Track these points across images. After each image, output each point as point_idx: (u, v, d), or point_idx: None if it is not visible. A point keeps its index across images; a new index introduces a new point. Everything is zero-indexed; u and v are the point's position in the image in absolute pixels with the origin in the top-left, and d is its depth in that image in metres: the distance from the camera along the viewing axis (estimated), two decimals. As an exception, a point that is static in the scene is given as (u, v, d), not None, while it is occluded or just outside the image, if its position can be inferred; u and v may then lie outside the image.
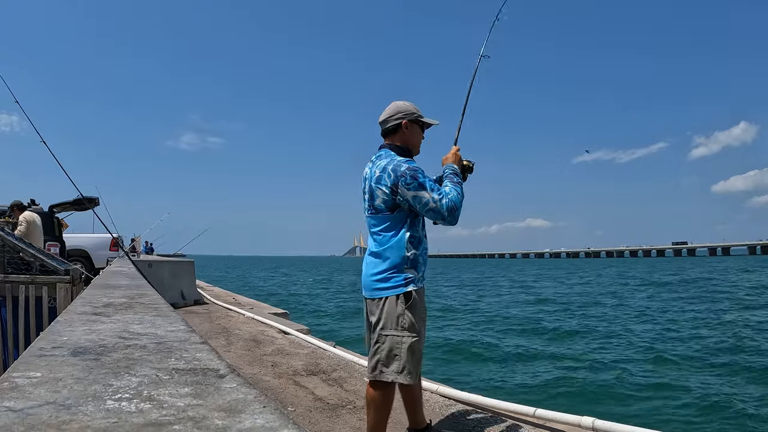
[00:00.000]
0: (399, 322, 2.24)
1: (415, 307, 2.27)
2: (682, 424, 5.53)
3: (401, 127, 2.43)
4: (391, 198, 2.28)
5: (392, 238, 2.31)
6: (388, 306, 2.26)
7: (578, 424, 2.68)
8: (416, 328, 2.26)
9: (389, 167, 2.29)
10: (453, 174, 2.42)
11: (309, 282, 34.57)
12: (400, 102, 2.49)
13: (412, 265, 2.30)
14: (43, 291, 4.37)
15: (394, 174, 2.26)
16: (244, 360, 4.52)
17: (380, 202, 2.32)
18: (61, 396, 0.70)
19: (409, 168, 2.26)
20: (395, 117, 2.44)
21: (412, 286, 2.28)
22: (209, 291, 12.29)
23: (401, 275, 2.28)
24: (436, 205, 2.23)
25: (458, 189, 2.34)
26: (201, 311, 8.11)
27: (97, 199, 9.07)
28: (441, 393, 3.39)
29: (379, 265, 2.32)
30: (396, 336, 2.23)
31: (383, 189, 2.29)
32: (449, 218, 2.27)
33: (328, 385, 3.74)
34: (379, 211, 2.34)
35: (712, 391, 6.52)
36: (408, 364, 2.22)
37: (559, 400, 6.24)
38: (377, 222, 2.36)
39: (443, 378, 6.01)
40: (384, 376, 2.24)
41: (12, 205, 7.64)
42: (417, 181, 2.24)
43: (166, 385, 0.78)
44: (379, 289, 2.30)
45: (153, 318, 1.49)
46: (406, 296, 2.26)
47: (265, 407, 0.68)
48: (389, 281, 2.28)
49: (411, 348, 2.23)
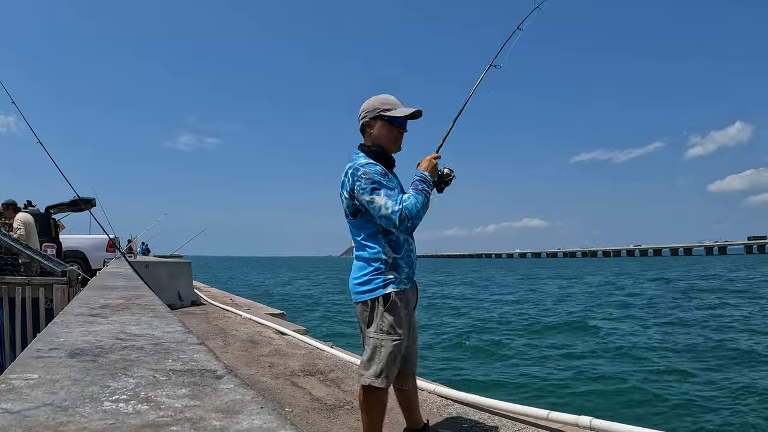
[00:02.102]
0: (379, 325, 2.20)
1: (395, 309, 2.20)
2: (682, 423, 5.54)
3: (365, 126, 2.33)
4: (351, 203, 2.22)
5: (368, 242, 2.25)
6: (369, 309, 2.23)
7: (576, 424, 2.69)
8: (397, 330, 2.19)
9: (350, 171, 2.21)
10: (419, 181, 2.25)
11: (307, 282, 34.54)
12: (371, 98, 2.34)
13: (392, 268, 2.23)
14: (39, 292, 4.35)
15: (352, 178, 2.18)
16: (242, 361, 4.52)
17: (345, 207, 2.27)
18: (58, 398, 0.70)
19: (366, 171, 2.15)
20: (360, 117, 2.34)
21: (391, 287, 2.20)
22: (206, 292, 12.27)
23: (380, 278, 2.22)
24: (387, 211, 2.10)
25: (419, 197, 2.17)
26: (198, 312, 8.10)
27: (94, 200, 9.05)
28: (438, 393, 3.40)
29: (359, 269, 2.27)
30: (376, 338, 2.20)
31: (345, 194, 2.23)
32: (401, 227, 2.13)
33: (325, 385, 3.74)
34: (347, 216, 2.29)
35: (713, 390, 6.55)
36: (385, 368, 2.17)
37: (559, 400, 6.25)
38: (352, 227, 2.31)
39: (438, 377, 6.01)
40: (362, 379, 2.22)
41: (6, 203, 7.52)
42: (372, 184, 2.13)
43: (164, 386, 0.78)
44: (360, 292, 2.26)
45: (150, 319, 1.49)
46: (385, 298, 2.19)
47: (263, 408, 0.68)
48: (369, 284, 2.23)
49: (389, 351, 2.18)
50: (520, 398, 6.09)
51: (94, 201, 9.01)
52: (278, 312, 8.22)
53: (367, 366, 2.20)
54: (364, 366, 2.23)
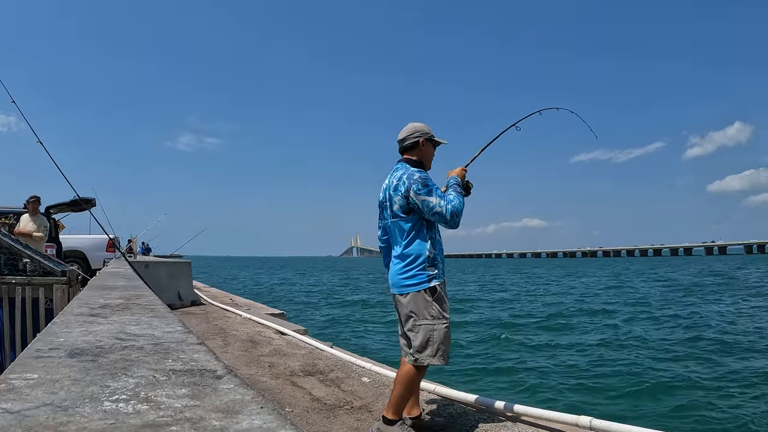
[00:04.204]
0: (429, 313, 2.56)
1: (440, 298, 2.59)
2: (682, 423, 5.54)
3: (419, 144, 2.77)
4: (406, 203, 2.61)
5: (414, 240, 2.63)
6: (417, 300, 2.58)
7: (576, 424, 2.69)
8: (444, 315, 2.58)
9: (404, 176, 2.62)
10: (456, 185, 2.74)
11: (306, 283, 34.54)
12: (417, 123, 2.84)
13: (432, 263, 2.61)
14: (39, 292, 4.36)
15: (408, 181, 2.59)
16: (242, 361, 4.52)
17: (398, 208, 2.65)
18: (58, 398, 0.70)
19: (420, 176, 2.60)
20: (414, 135, 2.78)
21: (435, 281, 2.59)
22: (206, 292, 12.27)
23: (424, 273, 2.59)
24: (441, 209, 2.53)
25: (460, 198, 2.64)
26: (198, 312, 8.10)
27: (94, 200, 9.04)
28: (438, 393, 3.40)
29: (405, 264, 2.64)
30: (428, 324, 2.56)
31: (400, 195, 2.62)
32: (451, 222, 2.56)
33: (325, 385, 3.74)
34: (397, 216, 2.66)
35: (712, 389, 6.54)
36: (442, 346, 2.56)
37: (558, 400, 6.25)
38: (399, 227, 2.68)
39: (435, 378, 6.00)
40: (420, 360, 2.57)
41: (36, 199, 7.70)
42: (427, 188, 2.56)
43: (164, 386, 0.78)
44: (407, 285, 2.62)
45: (150, 319, 1.49)
46: (432, 290, 2.58)
47: (263, 408, 0.68)
48: (415, 278, 2.60)
49: (442, 333, 2.56)
50: (520, 398, 6.09)
51: (94, 201, 9.00)
52: (278, 312, 8.22)
53: (421, 349, 2.56)
54: (417, 349, 2.57)
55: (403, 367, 2.66)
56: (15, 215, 8.60)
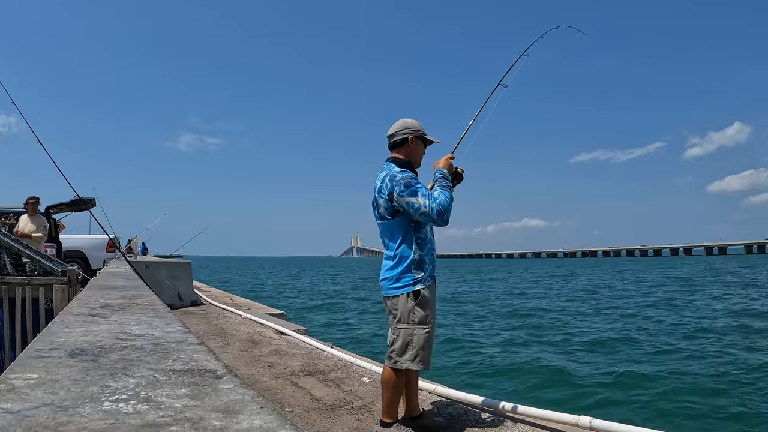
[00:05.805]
0: (410, 317, 2.53)
1: (424, 303, 2.54)
2: (681, 423, 5.54)
3: (407, 141, 2.69)
4: (390, 205, 2.55)
5: (399, 242, 2.58)
6: (400, 303, 2.55)
7: (576, 424, 2.69)
8: (426, 321, 2.54)
9: (387, 177, 2.56)
10: (442, 178, 2.64)
11: (307, 283, 34.54)
12: (408, 119, 2.75)
13: (419, 266, 2.56)
14: (39, 292, 4.36)
15: (390, 183, 2.52)
16: (242, 361, 4.52)
17: (383, 210, 2.60)
18: (58, 398, 0.70)
19: (403, 177, 2.52)
20: (403, 132, 2.70)
21: (419, 285, 2.54)
22: (206, 292, 12.27)
23: (410, 276, 2.55)
24: (426, 209, 2.46)
25: (447, 193, 2.56)
26: (198, 312, 8.10)
27: (94, 200, 9.04)
28: (438, 393, 3.40)
29: (391, 267, 2.60)
30: (408, 329, 2.53)
31: (383, 198, 2.56)
32: (439, 221, 2.50)
33: (325, 385, 3.74)
34: (384, 218, 2.61)
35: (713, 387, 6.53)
36: (420, 352, 2.52)
37: (558, 400, 6.24)
38: (385, 228, 2.64)
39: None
40: (398, 364, 2.54)
41: (35, 200, 7.69)
42: (409, 188, 2.48)
43: (164, 386, 0.78)
44: (392, 288, 2.59)
45: (150, 319, 1.49)
46: (415, 294, 2.53)
47: (263, 408, 0.68)
48: (400, 281, 2.57)
49: (422, 339, 2.52)
50: (520, 398, 6.09)
51: (94, 201, 9.00)
52: (278, 312, 8.22)
53: (401, 353, 2.53)
54: (397, 353, 2.55)
55: (385, 371, 2.64)
56: (15, 215, 8.61)
